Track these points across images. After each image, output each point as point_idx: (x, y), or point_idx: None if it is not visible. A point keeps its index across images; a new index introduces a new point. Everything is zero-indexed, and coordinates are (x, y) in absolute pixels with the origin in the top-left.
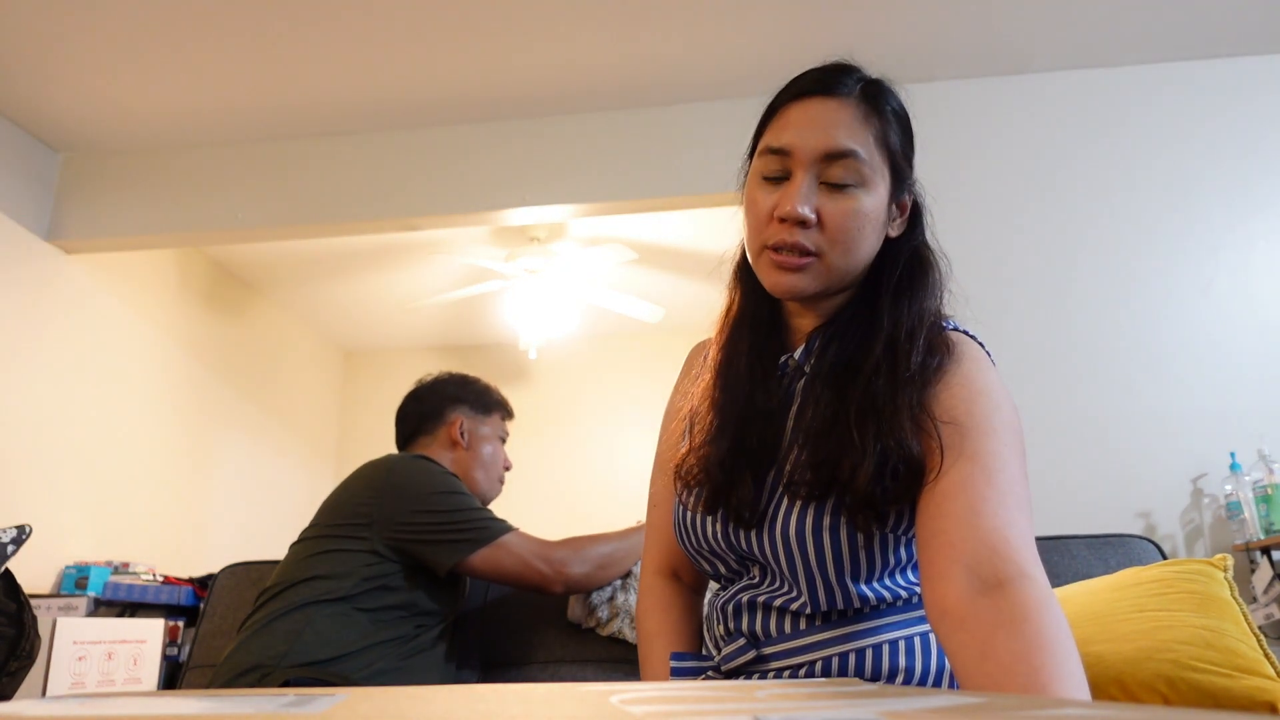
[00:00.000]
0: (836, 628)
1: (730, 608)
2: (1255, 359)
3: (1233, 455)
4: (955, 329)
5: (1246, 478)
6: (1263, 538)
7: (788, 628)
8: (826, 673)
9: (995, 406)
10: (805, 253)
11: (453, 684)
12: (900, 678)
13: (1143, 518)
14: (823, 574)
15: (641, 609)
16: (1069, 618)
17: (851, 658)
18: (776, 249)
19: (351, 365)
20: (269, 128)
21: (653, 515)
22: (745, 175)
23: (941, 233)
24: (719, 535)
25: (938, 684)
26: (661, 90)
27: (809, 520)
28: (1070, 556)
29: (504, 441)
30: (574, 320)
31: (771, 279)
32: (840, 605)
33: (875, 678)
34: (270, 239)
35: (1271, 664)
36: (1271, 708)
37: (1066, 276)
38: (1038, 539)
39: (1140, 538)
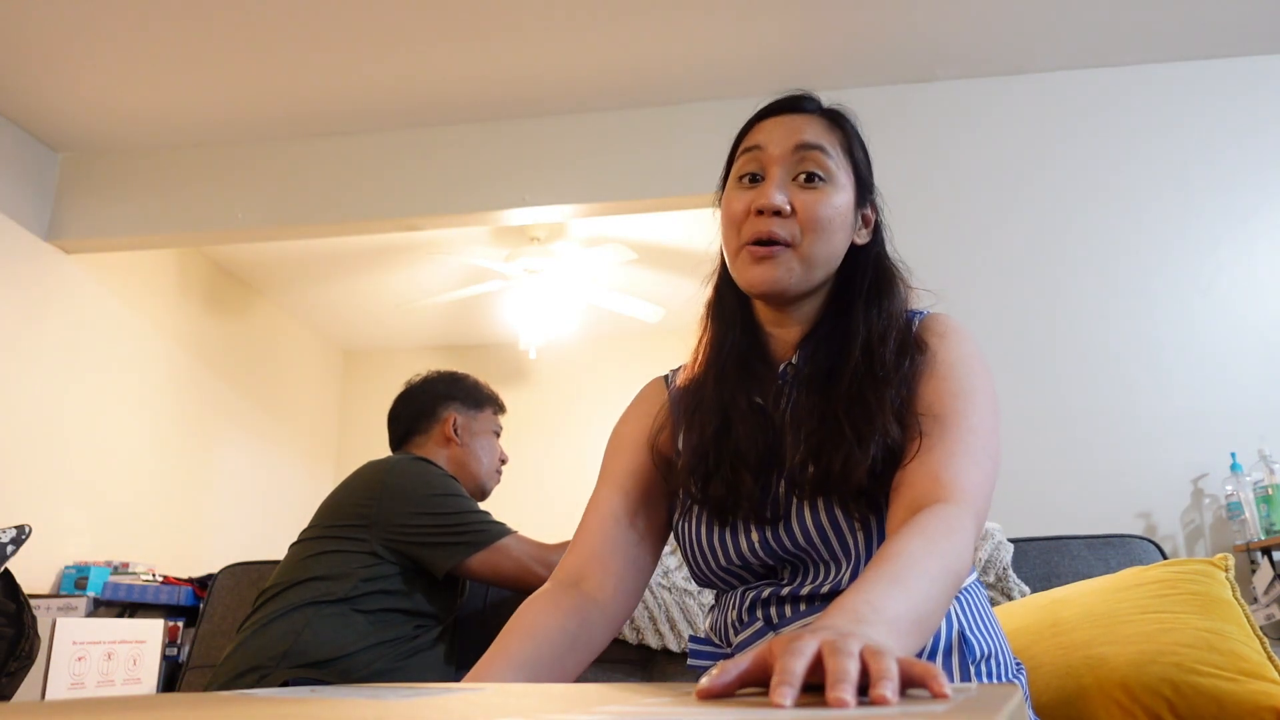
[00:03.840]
0: None
1: (752, 595)
2: (1255, 359)
3: (1233, 455)
4: (925, 314)
5: (1247, 478)
6: (1263, 538)
7: (803, 607)
8: None
9: (968, 371)
10: (781, 242)
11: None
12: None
13: (1143, 518)
14: (868, 558)
15: (527, 606)
16: (1072, 619)
17: None
18: (754, 243)
19: (351, 365)
20: (269, 128)
21: (587, 517)
22: (720, 193)
23: (941, 231)
24: (756, 547)
25: (948, 651)
26: (661, 90)
27: (823, 516)
28: (1070, 556)
29: (498, 435)
30: (574, 320)
31: (748, 274)
32: None
33: None
34: (270, 239)
35: (1275, 667)
36: (1276, 713)
37: (1066, 276)
38: (1038, 539)
39: (1141, 538)
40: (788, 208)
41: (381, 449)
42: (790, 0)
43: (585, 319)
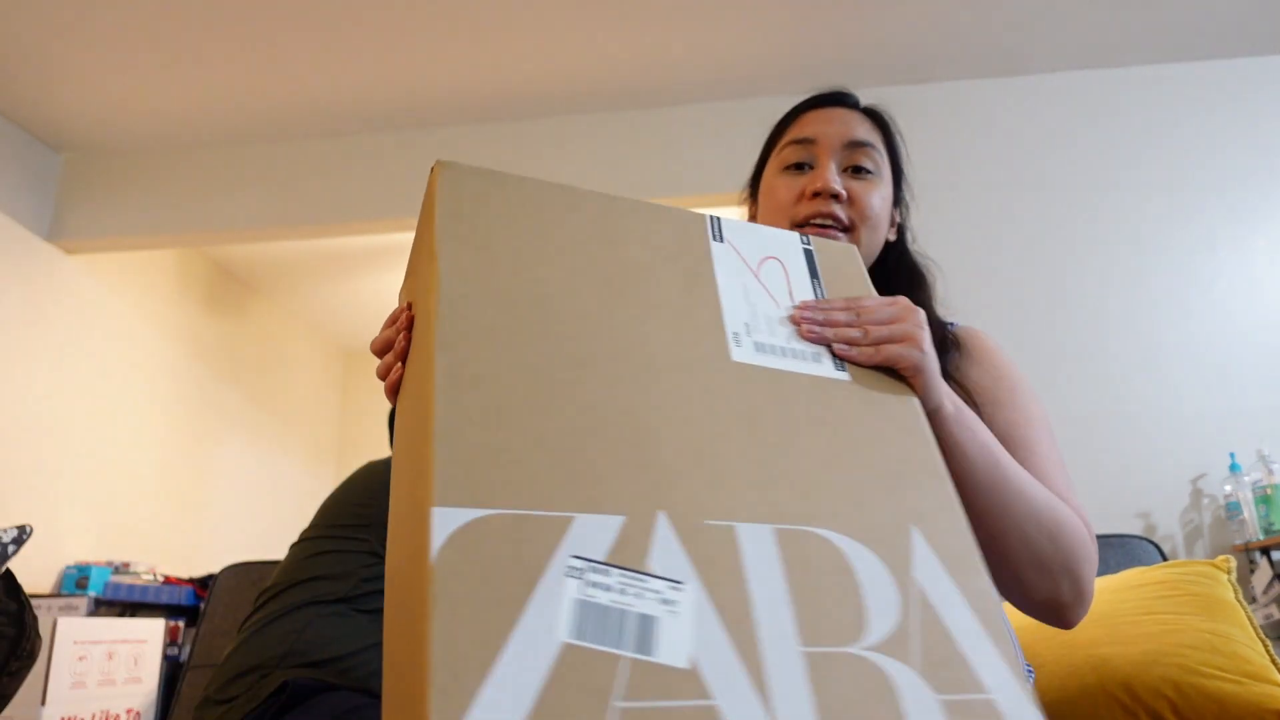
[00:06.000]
0: None
1: None
2: (1255, 359)
3: (1232, 456)
4: (956, 325)
5: (1246, 478)
6: (1262, 538)
7: None
8: None
9: (1029, 392)
10: (842, 226)
11: None
12: None
13: (1142, 518)
14: None
15: None
16: None
17: None
18: (811, 223)
19: (352, 365)
20: (269, 128)
21: None
22: (752, 179)
23: (941, 232)
24: None
25: None
26: (661, 90)
27: None
28: None
29: None
30: None
31: None
32: None
33: None
34: (270, 239)
35: (1278, 669)
36: (1278, 715)
37: (1066, 276)
38: None
39: (1140, 538)
40: (844, 194)
41: (381, 449)
42: (790, 1)
43: None
